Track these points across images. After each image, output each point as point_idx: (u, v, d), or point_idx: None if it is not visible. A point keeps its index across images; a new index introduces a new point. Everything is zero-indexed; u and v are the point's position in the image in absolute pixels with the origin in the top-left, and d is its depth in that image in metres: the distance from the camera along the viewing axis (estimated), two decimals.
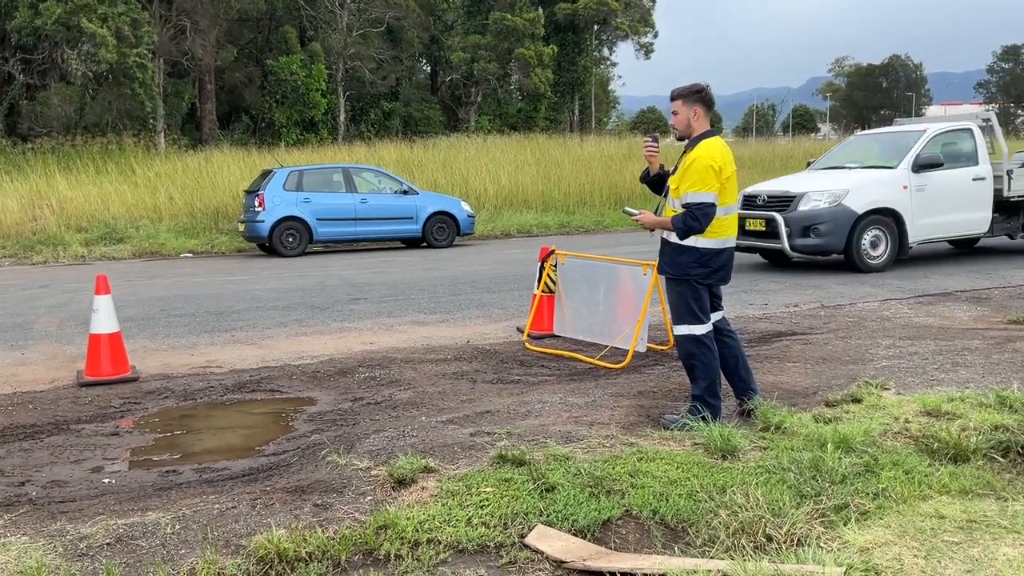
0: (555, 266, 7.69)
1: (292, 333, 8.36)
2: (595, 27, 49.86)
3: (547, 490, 3.86)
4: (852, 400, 5.24)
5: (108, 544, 3.50)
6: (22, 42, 29.10)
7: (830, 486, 3.82)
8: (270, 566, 3.28)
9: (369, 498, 3.92)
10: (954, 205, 11.91)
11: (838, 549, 3.29)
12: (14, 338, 8.40)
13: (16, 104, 31.60)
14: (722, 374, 5.06)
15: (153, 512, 3.83)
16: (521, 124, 41.93)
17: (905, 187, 11.62)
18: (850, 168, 12.26)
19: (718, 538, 3.43)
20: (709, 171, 4.62)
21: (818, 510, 3.61)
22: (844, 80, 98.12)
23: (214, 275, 13.78)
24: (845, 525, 3.49)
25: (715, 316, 5.01)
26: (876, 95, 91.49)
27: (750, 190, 12.27)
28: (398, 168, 22.66)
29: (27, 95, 31.60)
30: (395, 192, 17.91)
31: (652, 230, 4.96)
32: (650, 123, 65.41)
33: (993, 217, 12.35)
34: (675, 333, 4.99)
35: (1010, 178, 12.36)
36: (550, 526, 3.59)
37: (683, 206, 4.69)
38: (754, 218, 11.76)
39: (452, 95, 46.35)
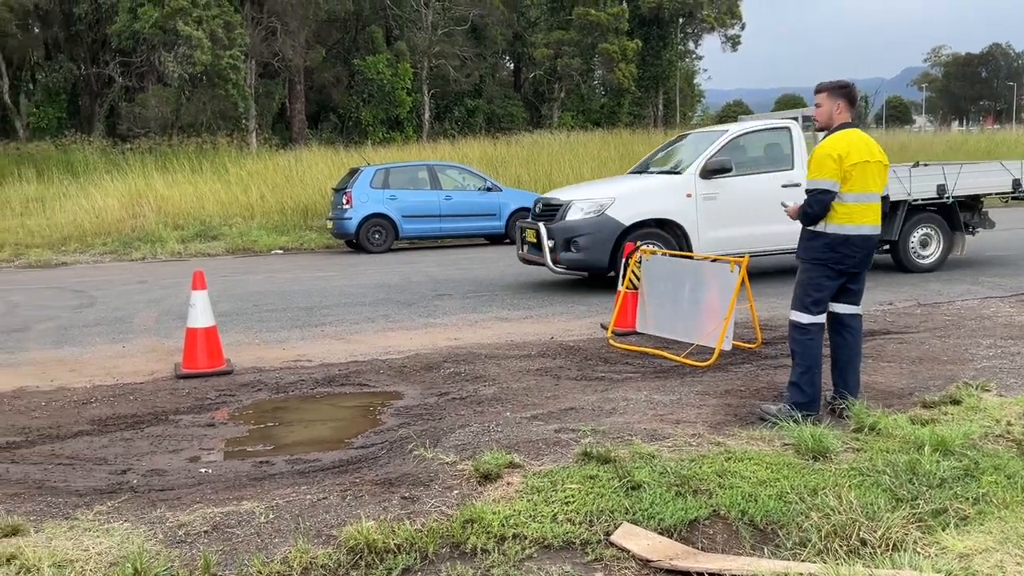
0: (639, 263, 7.63)
1: (379, 328, 8.50)
2: (680, 20, 49.24)
3: (633, 488, 3.84)
4: (950, 401, 5.07)
5: (205, 532, 3.62)
6: (121, 46, 30.32)
7: (927, 490, 3.70)
8: (360, 556, 3.35)
9: (455, 492, 3.96)
10: (756, 216, 10.01)
11: (936, 555, 3.18)
12: (115, 332, 8.75)
13: (116, 106, 32.93)
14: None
15: (248, 501, 3.94)
16: (604, 120, 41.72)
17: (689, 195, 10.12)
18: (650, 173, 10.96)
19: (810, 541, 3.36)
20: (827, 159, 4.75)
21: (915, 514, 3.51)
22: (941, 70, 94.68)
23: (303, 271, 14.11)
24: (943, 530, 3.37)
25: (846, 308, 5.01)
26: (975, 85, 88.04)
27: (542, 196, 11.39)
28: (482, 165, 22.80)
29: (126, 97, 32.90)
30: (479, 189, 18.04)
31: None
32: (737, 117, 64.33)
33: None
34: (789, 316, 5.04)
35: None
36: (636, 524, 3.57)
37: (805, 192, 4.89)
38: (528, 228, 10.68)
39: (535, 91, 46.41)
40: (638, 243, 7.78)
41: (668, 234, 10.09)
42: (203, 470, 4.57)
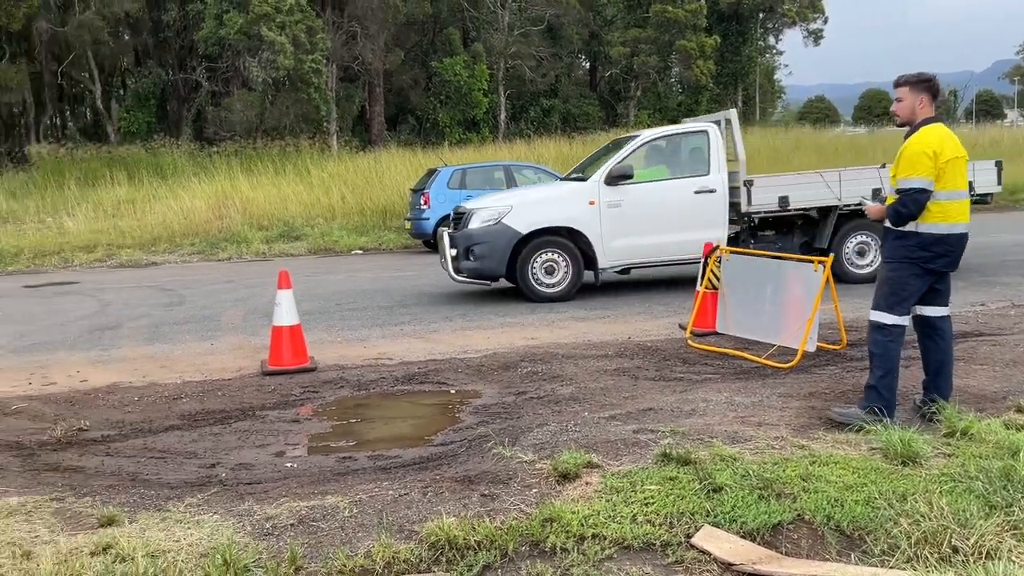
0: (719, 262, 7.53)
1: (457, 327, 8.58)
2: (760, 15, 48.34)
3: (714, 490, 3.80)
4: None
5: (291, 525, 3.71)
6: (208, 51, 31.23)
7: (1023, 497, 3.57)
8: (441, 552, 3.39)
9: (534, 491, 3.97)
10: (666, 224, 9.79)
11: None
12: (204, 329, 9.03)
13: (203, 110, 33.93)
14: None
15: (332, 496, 4.03)
16: (682, 117, 41.19)
17: (592, 203, 9.81)
18: (572, 180, 10.66)
19: (899, 547, 3.27)
20: (922, 157, 4.58)
21: (1009, 522, 3.38)
22: None
23: (383, 271, 14.32)
24: None
25: (935, 311, 4.86)
26: None
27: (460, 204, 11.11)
28: (557, 164, 22.77)
29: (212, 101, 33.88)
30: None
31: (879, 220, 4.97)
32: (818, 113, 62.76)
33: (744, 236, 10.33)
34: (870, 316, 4.89)
35: (749, 190, 10.01)
36: (717, 527, 3.53)
37: (896, 191, 4.69)
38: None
39: (611, 90, 46.16)
40: (717, 243, 7.67)
41: (571, 243, 9.87)
42: (289, 465, 4.68)
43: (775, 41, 55.07)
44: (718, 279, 7.53)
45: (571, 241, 9.85)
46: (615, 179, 9.77)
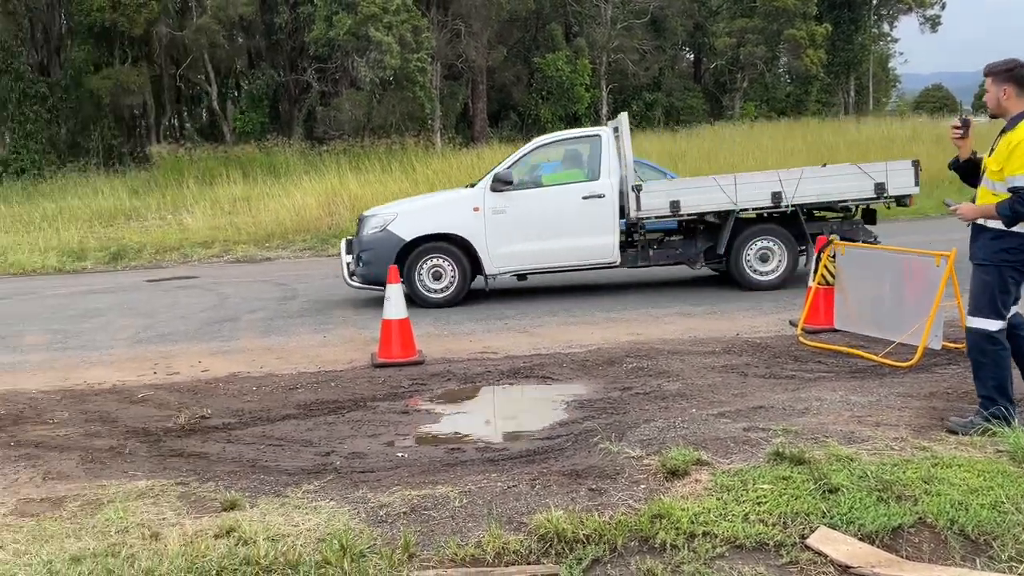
0: (833, 257, 7.31)
1: (560, 322, 8.59)
2: (874, 2, 46.62)
3: (830, 491, 3.70)
4: None
5: (404, 513, 3.79)
6: (318, 52, 32.10)
7: None
8: (550, 545, 3.41)
9: (643, 487, 3.95)
10: (553, 230, 9.66)
11: None
12: (316, 322, 9.30)
13: (313, 110, 34.90)
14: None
15: (442, 486, 4.10)
16: (790, 108, 40.15)
17: (477, 209, 9.73)
18: (466, 187, 10.49)
19: None
20: None
21: None
22: None
23: None
24: None
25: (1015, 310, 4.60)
26: None
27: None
28: (660, 159, 22.50)
29: (322, 101, 34.80)
30: None
31: (970, 222, 4.58)
32: (936, 102, 60.13)
33: (636, 242, 10.04)
34: (968, 325, 4.64)
35: (638, 195, 9.66)
36: (834, 529, 3.44)
37: (1010, 190, 4.30)
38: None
39: (716, 82, 45.31)
40: (832, 236, 7.45)
41: (458, 249, 9.79)
42: (400, 454, 4.79)
43: (889, 28, 52.98)
44: (832, 274, 7.31)
45: (458, 247, 9.82)
46: (500, 185, 9.72)
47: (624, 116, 10.46)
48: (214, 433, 5.35)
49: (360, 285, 10.08)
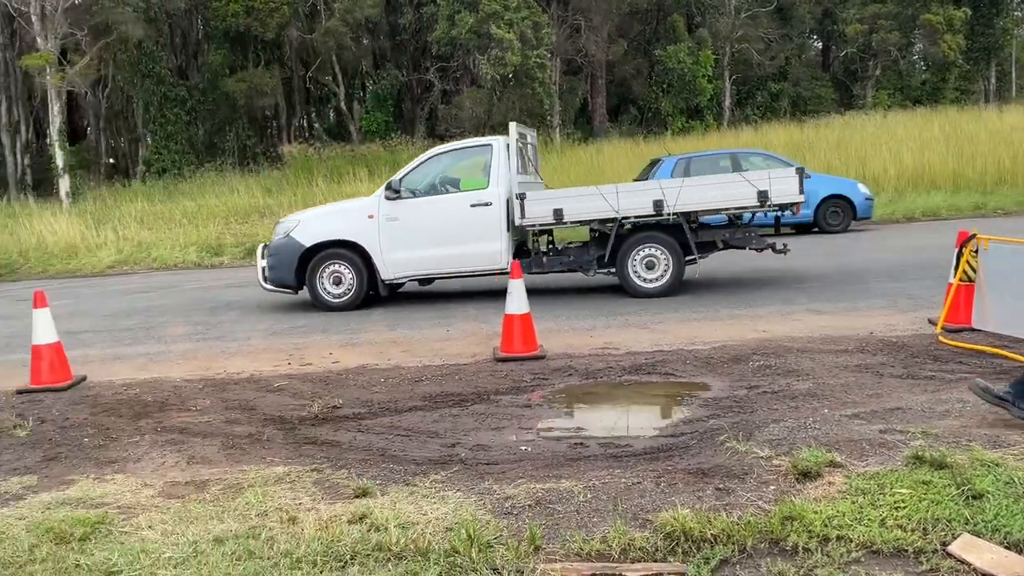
0: (975, 252, 6.94)
1: (683, 318, 8.47)
2: None
3: (973, 497, 3.53)
4: None
5: (529, 505, 3.83)
6: (440, 52, 32.67)
7: None
8: (676, 543, 3.38)
9: (772, 488, 3.86)
10: (443, 237, 9.92)
11: None
12: (440, 316, 9.48)
13: (435, 109, 35.56)
14: None
15: (566, 480, 4.11)
16: (926, 97, 38.30)
17: (372, 217, 10.09)
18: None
19: None
20: None
21: None
22: None
23: None
24: None
25: None
26: None
27: None
28: (787, 151, 21.88)
29: (444, 100, 35.42)
30: None
31: None
32: None
33: (530, 249, 10.35)
34: None
35: (523, 203, 9.67)
36: (977, 536, 3.27)
37: None
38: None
39: (845, 70, 43.62)
40: (974, 231, 7.08)
41: (356, 255, 10.15)
42: (523, 448, 4.83)
43: None
44: (974, 270, 6.94)
45: (355, 254, 10.16)
46: (393, 194, 10.05)
47: (514, 126, 10.46)
48: (345, 422, 5.53)
49: (272, 288, 10.57)
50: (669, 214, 9.68)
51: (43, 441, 5.45)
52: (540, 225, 10.02)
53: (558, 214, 9.81)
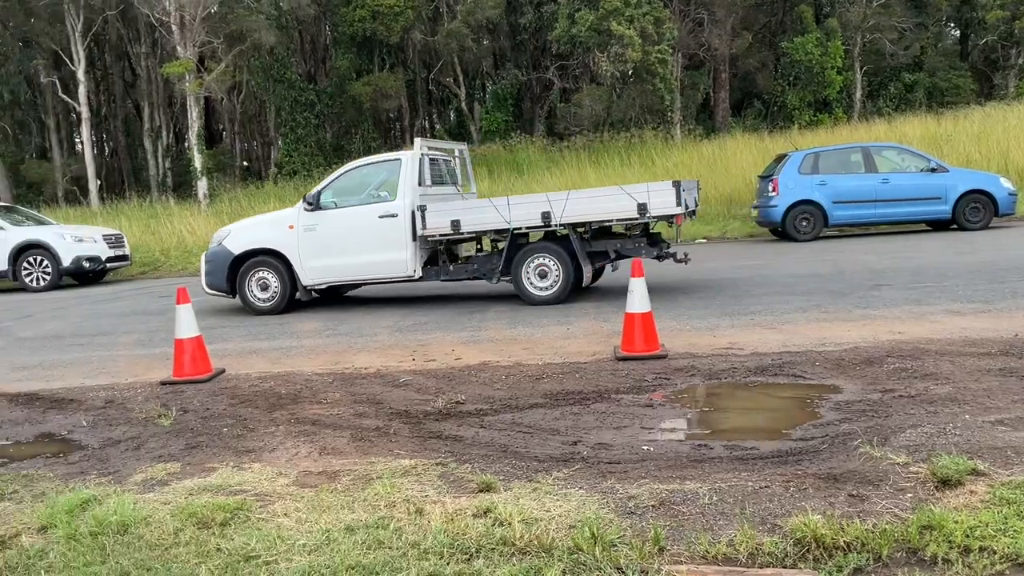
0: None
1: (812, 319, 8.21)
2: None
3: None
4: None
5: (653, 506, 3.80)
6: (560, 50, 32.70)
7: None
8: (807, 549, 3.29)
9: (909, 495, 3.71)
10: (356, 246, 10.57)
11: None
12: (560, 315, 9.50)
13: (554, 107, 35.62)
14: None
15: (691, 482, 4.06)
16: None
17: (292, 227, 10.86)
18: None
19: None
20: None
21: None
22: None
23: (728, 260, 14.11)
24: None
25: None
26: None
27: None
28: (923, 144, 20.91)
29: (563, 98, 35.43)
30: (921, 170, 16.56)
31: None
32: None
33: (435, 258, 10.77)
34: None
35: (423, 215, 10.27)
36: None
37: None
38: None
39: (986, 59, 41.28)
40: None
41: (279, 263, 10.94)
42: (645, 447, 4.79)
43: None
44: None
45: (279, 261, 10.94)
46: (309, 205, 10.73)
47: (419, 141, 11.01)
48: (468, 418, 5.62)
49: (211, 292, 11.45)
50: (556, 225, 10.10)
51: (185, 430, 5.76)
52: (440, 235, 10.46)
53: (455, 225, 10.29)
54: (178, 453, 5.27)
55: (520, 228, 10.23)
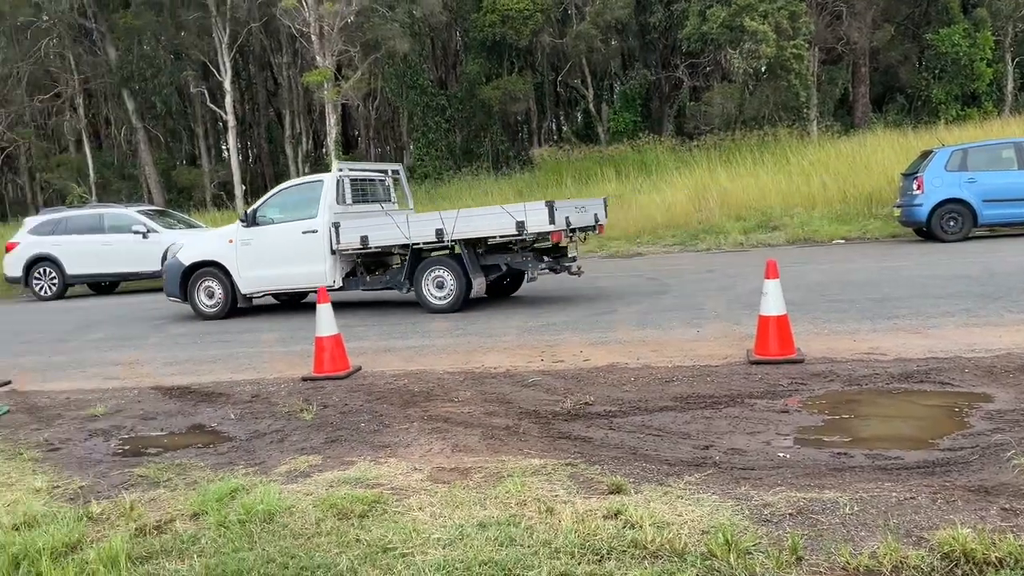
0: None
1: (960, 323, 7.80)
2: None
3: None
4: None
5: (790, 514, 3.70)
6: (690, 48, 32.17)
7: None
8: (955, 564, 3.14)
9: None
10: (283, 258, 11.80)
11: None
12: (689, 317, 9.36)
13: (683, 107, 35.08)
14: None
15: (829, 491, 3.93)
16: None
17: (231, 241, 12.12)
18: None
19: None
20: None
21: None
22: None
23: (869, 261, 13.55)
24: None
25: None
26: None
27: None
28: None
29: (692, 97, 34.85)
30: None
31: None
32: None
33: (356, 270, 11.86)
34: None
35: (337, 231, 11.40)
36: None
37: None
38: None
39: None
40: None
41: (221, 273, 12.26)
42: (781, 454, 4.67)
43: None
44: None
45: (221, 272, 12.25)
46: (245, 222, 12.07)
47: (336, 164, 12.34)
48: (597, 419, 5.61)
49: (172, 299, 12.88)
50: (449, 241, 10.95)
51: (326, 424, 5.99)
52: (352, 250, 11.44)
53: (364, 240, 11.27)
54: (319, 446, 5.49)
55: (418, 244, 11.14)
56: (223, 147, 42.31)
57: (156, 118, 39.48)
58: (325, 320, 7.58)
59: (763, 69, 28.85)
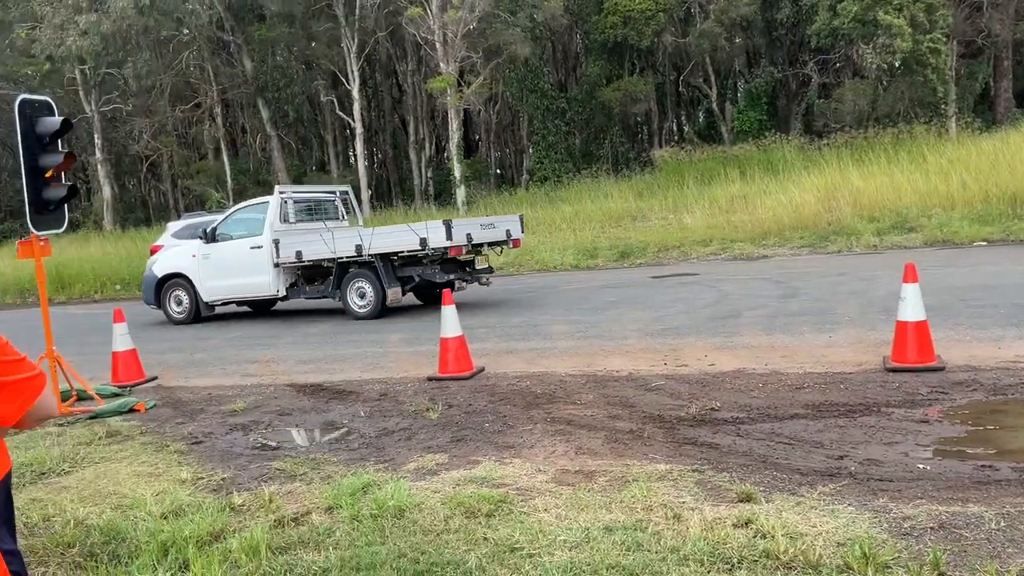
0: None
1: None
2: None
3: None
4: None
5: (931, 528, 3.55)
6: (819, 44, 31.16)
7: None
8: None
9: None
10: (235, 271, 13.39)
11: None
12: (820, 322, 9.07)
13: (812, 104, 34.00)
14: None
15: (973, 504, 3.75)
16: None
17: (194, 256, 13.82)
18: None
19: None
20: None
21: None
22: None
23: (1014, 264, 12.79)
24: None
25: None
26: None
27: None
28: None
29: (822, 94, 33.73)
30: None
31: None
32: None
33: (297, 281, 13.36)
34: None
35: (277, 247, 12.89)
36: None
37: None
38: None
39: None
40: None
41: (188, 284, 14.00)
42: (920, 466, 4.48)
43: None
44: None
45: (187, 283, 14.01)
46: (205, 238, 13.67)
47: (277, 188, 13.85)
48: (724, 426, 5.52)
49: (148, 306, 14.61)
50: (367, 256, 12.21)
51: (451, 424, 6.11)
52: (290, 263, 12.94)
53: (299, 255, 12.76)
54: (445, 445, 5.60)
55: (342, 257, 12.46)
56: (351, 153, 43.60)
57: (288, 126, 41.13)
58: (450, 321, 7.72)
59: (897, 64, 27.67)
